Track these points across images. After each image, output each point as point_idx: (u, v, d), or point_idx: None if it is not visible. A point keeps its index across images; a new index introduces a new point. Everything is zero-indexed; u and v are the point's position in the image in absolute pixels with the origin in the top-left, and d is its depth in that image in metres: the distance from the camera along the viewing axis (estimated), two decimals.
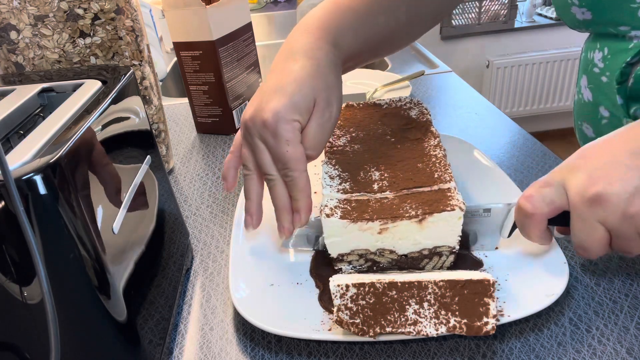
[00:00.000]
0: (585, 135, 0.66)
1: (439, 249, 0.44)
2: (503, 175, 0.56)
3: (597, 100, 0.58)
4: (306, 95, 0.44)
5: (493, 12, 2.39)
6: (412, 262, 0.45)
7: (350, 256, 0.45)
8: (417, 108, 0.58)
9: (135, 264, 0.37)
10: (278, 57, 0.48)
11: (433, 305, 0.37)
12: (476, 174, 0.58)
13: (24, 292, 0.29)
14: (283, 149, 0.42)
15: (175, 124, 0.88)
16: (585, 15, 0.54)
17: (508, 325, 0.41)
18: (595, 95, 0.59)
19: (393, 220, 0.42)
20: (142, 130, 0.43)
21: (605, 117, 0.58)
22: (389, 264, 0.45)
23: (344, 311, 0.38)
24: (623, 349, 0.38)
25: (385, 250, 0.44)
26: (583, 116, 0.64)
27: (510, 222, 0.45)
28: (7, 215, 0.27)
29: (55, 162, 0.28)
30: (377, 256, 0.45)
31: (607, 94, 0.56)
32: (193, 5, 0.72)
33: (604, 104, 0.57)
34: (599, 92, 0.58)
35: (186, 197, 0.64)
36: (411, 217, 0.42)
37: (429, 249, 0.44)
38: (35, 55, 0.55)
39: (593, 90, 0.59)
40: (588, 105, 0.61)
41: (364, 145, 0.53)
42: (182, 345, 0.43)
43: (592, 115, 0.61)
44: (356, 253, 0.44)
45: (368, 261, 0.45)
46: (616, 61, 0.54)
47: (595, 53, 0.57)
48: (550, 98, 2.61)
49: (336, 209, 0.44)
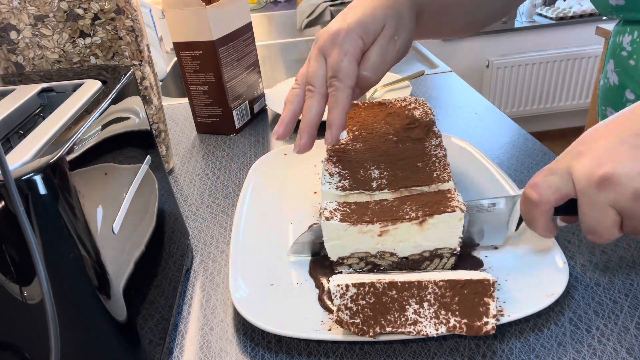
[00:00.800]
0: None
1: (440, 251, 0.44)
2: (503, 175, 0.56)
3: (624, 84, 0.59)
4: (376, 18, 0.46)
5: None
6: (412, 264, 0.45)
7: (351, 259, 0.45)
8: (421, 108, 0.58)
9: (135, 264, 0.37)
10: None
11: (433, 305, 0.37)
12: (476, 174, 0.58)
13: (24, 292, 0.29)
14: (339, 58, 0.45)
15: (175, 124, 0.88)
16: (618, 1, 0.55)
17: (508, 325, 0.41)
18: (622, 78, 0.59)
19: (393, 222, 0.42)
20: (142, 130, 0.43)
21: (630, 100, 0.59)
22: (389, 266, 0.45)
23: (344, 311, 0.38)
24: (623, 349, 0.38)
25: (386, 253, 0.44)
26: (608, 101, 0.64)
27: (517, 215, 0.44)
28: (7, 215, 0.27)
29: (55, 162, 0.28)
30: (377, 259, 0.45)
31: (633, 77, 0.57)
32: (193, 5, 0.72)
33: (631, 86, 0.58)
34: (626, 75, 0.58)
35: (186, 197, 0.64)
36: (412, 219, 0.42)
37: (429, 251, 0.44)
38: (35, 55, 0.55)
39: (619, 73, 0.59)
40: (613, 89, 0.61)
41: (365, 143, 0.53)
42: (182, 345, 0.43)
43: (617, 99, 0.61)
44: (356, 256, 0.44)
45: (368, 264, 0.45)
46: None
47: (625, 37, 0.58)
48: (550, 98, 2.61)
49: (336, 211, 0.44)
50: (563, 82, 2.56)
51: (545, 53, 2.48)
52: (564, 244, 0.49)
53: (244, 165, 0.71)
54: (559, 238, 0.50)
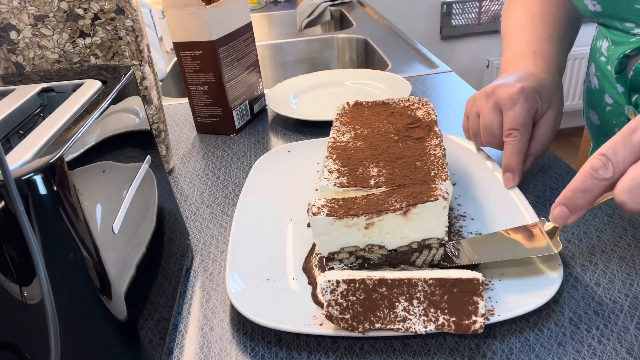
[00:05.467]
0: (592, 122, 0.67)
1: (428, 241, 0.44)
2: None
3: (603, 88, 0.60)
4: (548, 89, 0.55)
5: (493, 12, 2.39)
6: (402, 256, 0.45)
7: (341, 254, 0.45)
8: (424, 108, 0.59)
9: (135, 264, 0.37)
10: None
11: (422, 303, 0.38)
12: (476, 173, 0.58)
13: (24, 292, 0.29)
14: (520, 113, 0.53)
15: (175, 124, 0.88)
16: (596, 7, 0.56)
17: (508, 324, 0.41)
18: (602, 82, 0.60)
19: (378, 214, 0.42)
20: (142, 130, 0.43)
21: (609, 104, 0.60)
22: (379, 260, 0.45)
23: (334, 307, 0.38)
24: (623, 349, 0.38)
25: (374, 246, 0.44)
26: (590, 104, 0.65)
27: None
28: (7, 215, 0.27)
29: (55, 162, 0.28)
30: (367, 252, 0.45)
31: (611, 83, 0.58)
32: (193, 5, 0.72)
33: (609, 91, 0.59)
34: (605, 80, 0.59)
35: (186, 197, 0.64)
36: (396, 210, 0.42)
37: (417, 242, 0.44)
38: (35, 55, 0.55)
39: (600, 78, 0.61)
40: (595, 92, 0.62)
41: (366, 141, 0.54)
42: (182, 345, 0.43)
43: (598, 102, 0.62)
44: (346, 251, 0.45)
45: (358, 258, 0.45)
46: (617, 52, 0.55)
47: (603, 42, 0.59)
48: None
49: (323, 207, 0.44)
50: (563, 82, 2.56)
51: None
52: (564, 244, 0.49)
53: (244, 165, 0.71)
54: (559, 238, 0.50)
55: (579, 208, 0.39)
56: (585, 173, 0.37)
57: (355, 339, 0.41)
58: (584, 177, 0.37)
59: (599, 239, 0.50)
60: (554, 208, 0.40)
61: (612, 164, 0.36)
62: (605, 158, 0.36)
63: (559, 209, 0.39)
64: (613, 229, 0.51)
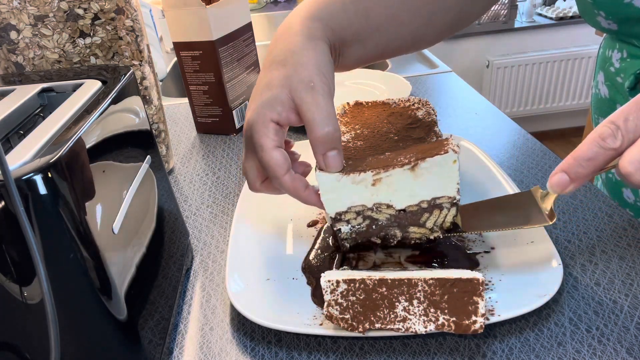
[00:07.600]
0: None
1: (439, 201, 0.43)
2: (503, 175, 0.56)
3: (614, 98, 0.58)
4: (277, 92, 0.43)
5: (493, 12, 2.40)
6: (411, 217, 0.44)
7: (348, 214, 0.44)
8: (424, 108, 0.59)
9: (135, 264, 0.37)
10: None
11: (422, 303, 0.38)
12: (476, 173, 0.58)
13: (24, 292, 0.29)
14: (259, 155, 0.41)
15: (175, 124, 0.88)
16: (611, 26, 0.54)
17: (508, 324, 0.41)
18: (612, 93, 0.59)
19: (385, 169, 0.41)
20: (142, 130, 0.43)
21: None
22: (387, 220, 0.44)
23: (334, 306, 0.38)
24: (623, 349, 0.38)
25: (382, 205, 0.43)
26: (600, 111, 0.63)
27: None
28: (7, 215, 0.27)
29: (55, 162, 0.28)
30: (374, 212, 0.44)
31: (622, 93, 0.56)
32: (193, 5, 0.72)
33: (621, 102, 0.57)
34: (615, 90, 0.58)
35: (186, 197, 0.64)
36: (403, 164, 0.41)
37: (427, 200, 0.43)
38: (35, 55, 0.55)
39: (610, 87, 0.59)
40: (605, 101, 0.61)
41: (366, 141, 0.54)
42: (182, 345, 0.43)
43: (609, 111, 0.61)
44: (353, 210, 0.44)
45: (366, 219, 0.44)
46: (632, 65, 0.54)
47: (614, 52, 0.57)
48: (550, 98, 2.61)
49: None
50: (563, 82, 2.57)
51: (545, 53, 2.48)
52: (564, 244, 0.49)
53: None
54: (559, 238, 0.50)
55: (580, 177, 0.36)
56: (592, 141, 0.35)
57: (355, 339, 0.41)
58: (590, 144, 0.35)
59: (599, 239, 0.50)
60: (553, 175, 0.37)
61: (621, 133, 0.34)
62: (614, 126, 0.34)
63: (559, 176, 0.37)
64: (613, 229, 0.51)
